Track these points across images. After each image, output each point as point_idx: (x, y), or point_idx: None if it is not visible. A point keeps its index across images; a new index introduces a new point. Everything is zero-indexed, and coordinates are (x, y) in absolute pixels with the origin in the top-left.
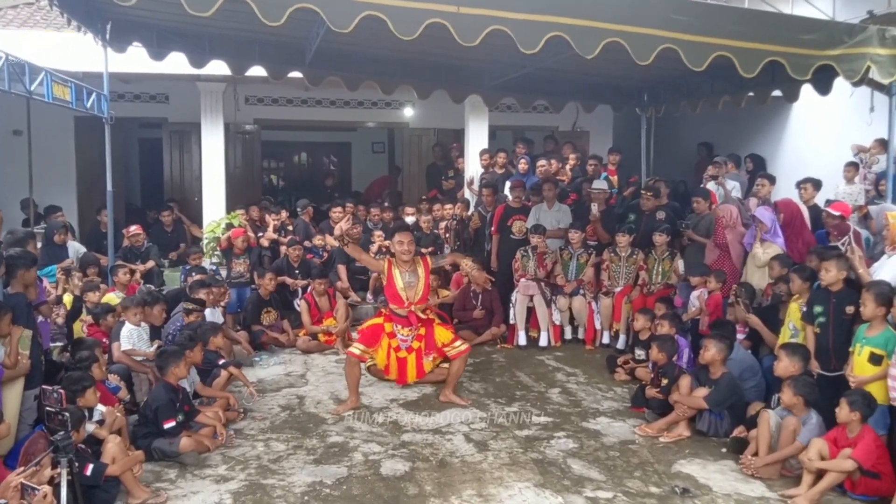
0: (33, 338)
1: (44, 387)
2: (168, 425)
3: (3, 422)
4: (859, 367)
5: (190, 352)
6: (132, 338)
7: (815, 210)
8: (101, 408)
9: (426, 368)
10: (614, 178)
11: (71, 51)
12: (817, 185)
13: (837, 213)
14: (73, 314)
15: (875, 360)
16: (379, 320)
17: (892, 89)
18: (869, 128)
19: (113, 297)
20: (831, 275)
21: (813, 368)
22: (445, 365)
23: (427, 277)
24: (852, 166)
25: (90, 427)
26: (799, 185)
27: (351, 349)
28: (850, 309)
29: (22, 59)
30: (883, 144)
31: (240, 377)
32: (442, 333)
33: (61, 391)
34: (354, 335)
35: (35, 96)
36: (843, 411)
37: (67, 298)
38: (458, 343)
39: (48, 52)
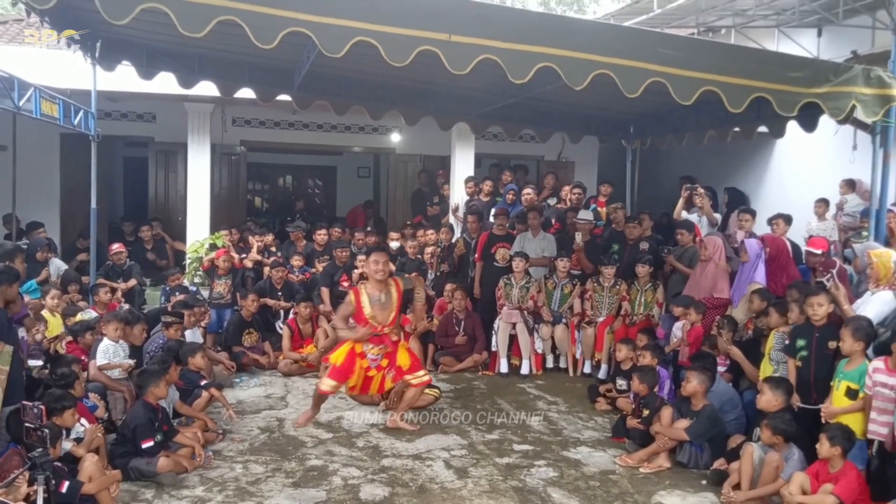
0: (14, 354)
1: (24, 403)
2: (146, 445)
3: None
4: (837, 401)
5: (165, 374)
6: (108, 352)
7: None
8: (82, 425)
9: (386, 387)
10: (603, 210)
11: (59, 68)
12: (788, 220)
13: (819, 251)
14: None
15: (851, 394)
16: (348, 346)
17: (875, 128)
18: (852, 165)
19: (79, 318)
20: (823, 309)
21: (794, 402)
22: (427, 391)
23: (399, 299)
24: (822, 203)
25: (67, 445)
26: (770, 220)
27: (322, 387)
28: (832, 344)
29: (11, 75)
30: (850, 185)
31: (220, 399)
32: (403, 357)
33: (42, 407)
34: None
35: (23, 112)
36: (824, 447)
37: (48, 316)
38: (421, 373)
39: (37, 68)
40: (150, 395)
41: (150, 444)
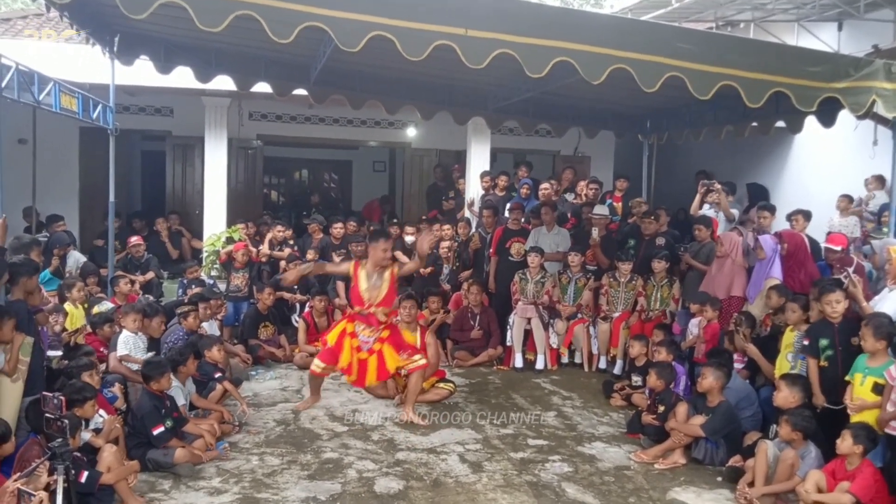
0: (35, 345)
1: (44, 393)
2: (157, 431)
3: (10, 441)
4: (861, 396)
5: (183, 366)
6: (128, 344)
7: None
8: (100, 416)
9: (394, 366)
10: (618, 205)
11: (78, 62)
12: (808, 216)
13: (838, 248)
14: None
15: (878, 389)
16: (342, 325)
17: None
18: (872, 161)
19: (96, 310)
20: (841, 306)
21: (819, 403)
22: (442, 385)
23: (392, 282)
24: (846, 198)
25: (87, 435)
26: (790, 216)
27: (312, 367)
28: (856, 340)
29: (31, 69)
30: (880, 181)
31: (233, 393)
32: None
33: (62, 398)
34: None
35: (43, 106)
36: (846, 443)
37: (70, 308)
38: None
39: (56, 62)
40: (152, 387)
41: (161, 429)
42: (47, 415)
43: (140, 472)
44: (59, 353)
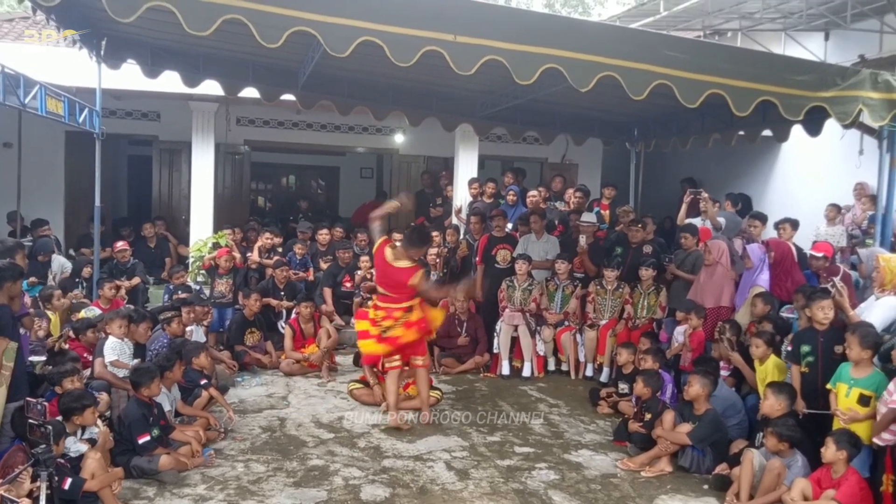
0: (18, 350)
1: (28, 399)
2: (143, 440)
3: None
4: (846, 407)
5: (169, 372)
6: (115, 350)
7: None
8: (98, 427)
9: (408, 338)
10: (606, 213)
11: (65, 65)
12: (795, 225)
13: (821, 255)
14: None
15: (864, 401)
16: (364, 325)
17: (882, 133)
18: (857, 170)
19: (82, 314)
20: (826, 314)
21: (799, 409)
22: (430, 392)
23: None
24: (834, 207)
25: (82, 447)
26: (777, 225)
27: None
28: (839, 348)
29: (17, 72)
30: (874, 200)
31: (219, 400)
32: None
33: (45, 403)
34: (339, 359)
35: (28, 109)
36: (830, 450)
37: (52, 315)
38: (418, 358)
39: (42, 65)
40: (142, 394)
41: (147, 438)
42: (31, 421)
43: (124, 479)
44: (43, 358)
